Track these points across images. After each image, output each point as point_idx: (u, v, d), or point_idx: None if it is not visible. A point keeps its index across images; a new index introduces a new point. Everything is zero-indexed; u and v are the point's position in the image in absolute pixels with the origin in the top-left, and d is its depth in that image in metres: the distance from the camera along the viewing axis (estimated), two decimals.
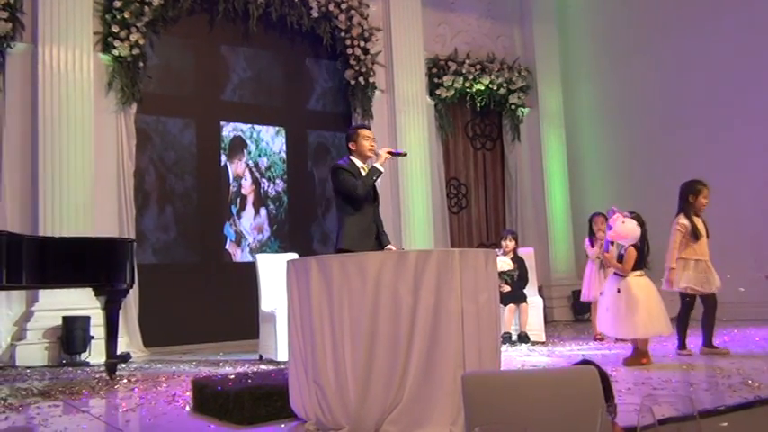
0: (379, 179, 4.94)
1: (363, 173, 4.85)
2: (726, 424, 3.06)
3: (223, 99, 8.48)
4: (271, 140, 8.77)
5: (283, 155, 8.83)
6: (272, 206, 8.69)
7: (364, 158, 4.95)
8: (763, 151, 8.22)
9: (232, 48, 8.49)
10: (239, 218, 8.45)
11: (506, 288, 6.83)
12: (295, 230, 8.72)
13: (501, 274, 6.72)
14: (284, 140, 8.85)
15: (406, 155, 5.67)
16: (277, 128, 8.80)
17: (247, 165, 8.57)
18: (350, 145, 4.97)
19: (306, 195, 8.93)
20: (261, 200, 8.61)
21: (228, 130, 8.48)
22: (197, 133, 8.23)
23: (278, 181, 8.77)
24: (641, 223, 5.14)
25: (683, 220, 5.58)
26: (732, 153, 8.44)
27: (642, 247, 5.15)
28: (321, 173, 9.01)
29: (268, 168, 8.72)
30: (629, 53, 9.93)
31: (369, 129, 5.12)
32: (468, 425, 1.80)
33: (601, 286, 6.83)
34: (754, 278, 7.37)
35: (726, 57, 8.72)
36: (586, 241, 7.17)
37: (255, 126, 8.65)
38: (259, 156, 8.66)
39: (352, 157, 4.96)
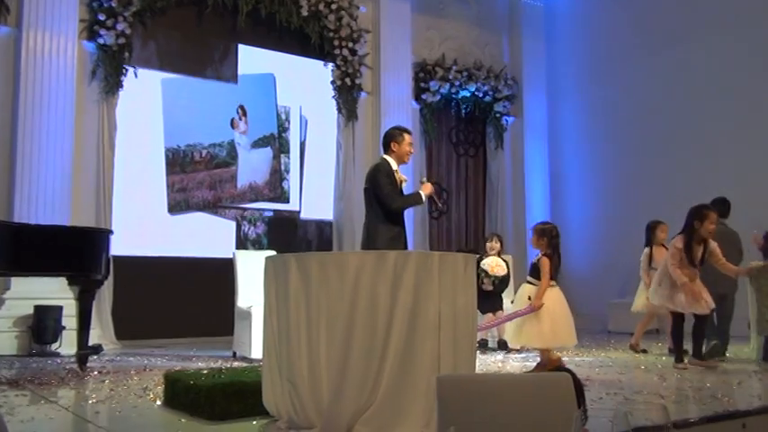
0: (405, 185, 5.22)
1: (397, 176, 5.08)
2: None
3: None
4: None
5: None
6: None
7: (400, 161, 5.15)
8: (749, 168, 8.28)
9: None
10: None
11: (489, 287, 6.77)
12: None
13: (488, 274, 6.73)
14: None
15: (439, 207, 5.76)
16: None
17: None
18: (392, 144, 5.14)
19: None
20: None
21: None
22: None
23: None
24: (555, 235, 5.13)
25: (678, 244, 5.49)
26: (717, 170, 8.50)
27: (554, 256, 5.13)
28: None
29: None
30: (615, 68, 10.02)
31: (411, 134, 5.34)
32: (441, 427, 1.80)
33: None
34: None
35: (710, 73, 8.82)
36: (648, 251, 6.61)
37: None
38: None
39: (388, 157, 5.14)
